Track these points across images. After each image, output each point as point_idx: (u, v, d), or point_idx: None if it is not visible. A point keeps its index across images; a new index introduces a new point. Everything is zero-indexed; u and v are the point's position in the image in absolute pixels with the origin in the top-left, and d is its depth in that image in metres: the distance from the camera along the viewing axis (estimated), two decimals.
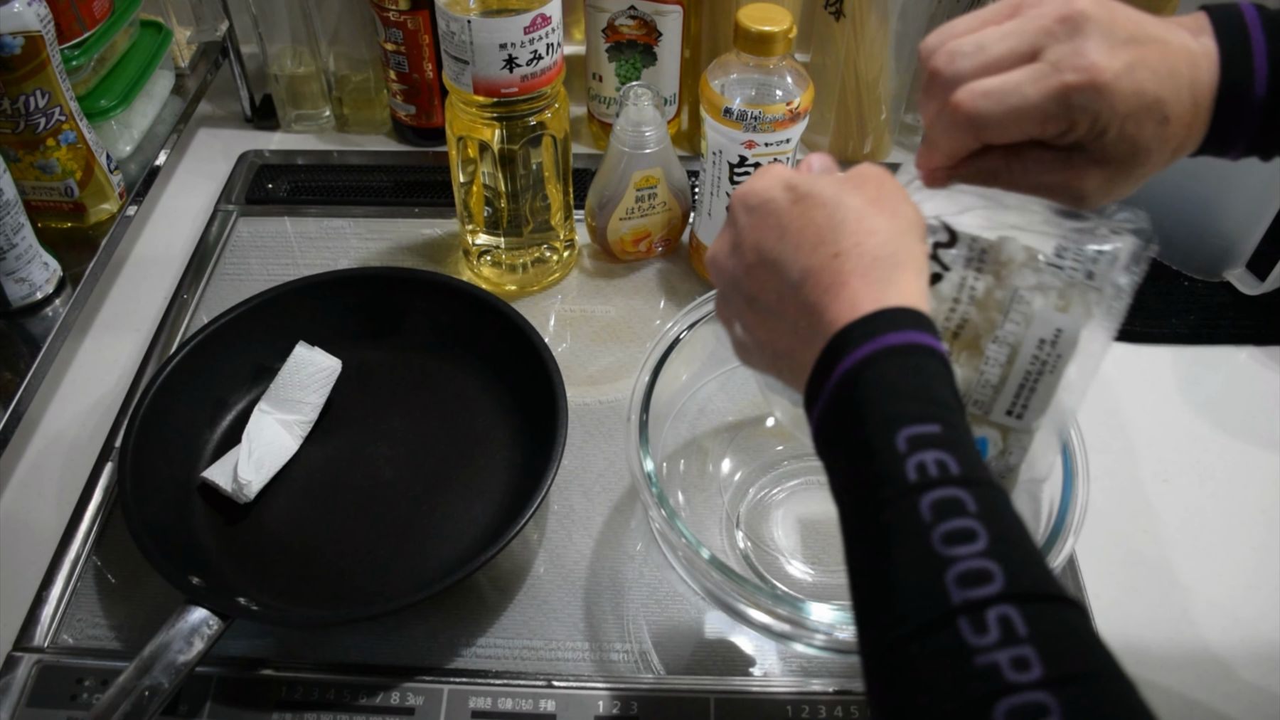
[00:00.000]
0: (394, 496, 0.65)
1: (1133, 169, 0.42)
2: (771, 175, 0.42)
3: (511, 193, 0.74)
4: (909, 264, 0.38)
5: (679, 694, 0.56)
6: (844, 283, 0.37)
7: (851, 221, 0.39)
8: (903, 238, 0.39)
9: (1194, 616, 0.61)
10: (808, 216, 0.39)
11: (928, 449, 0.33)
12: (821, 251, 0.38)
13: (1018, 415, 0.43)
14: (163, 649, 0.51)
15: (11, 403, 0.65)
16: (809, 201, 0.40)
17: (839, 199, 0.39)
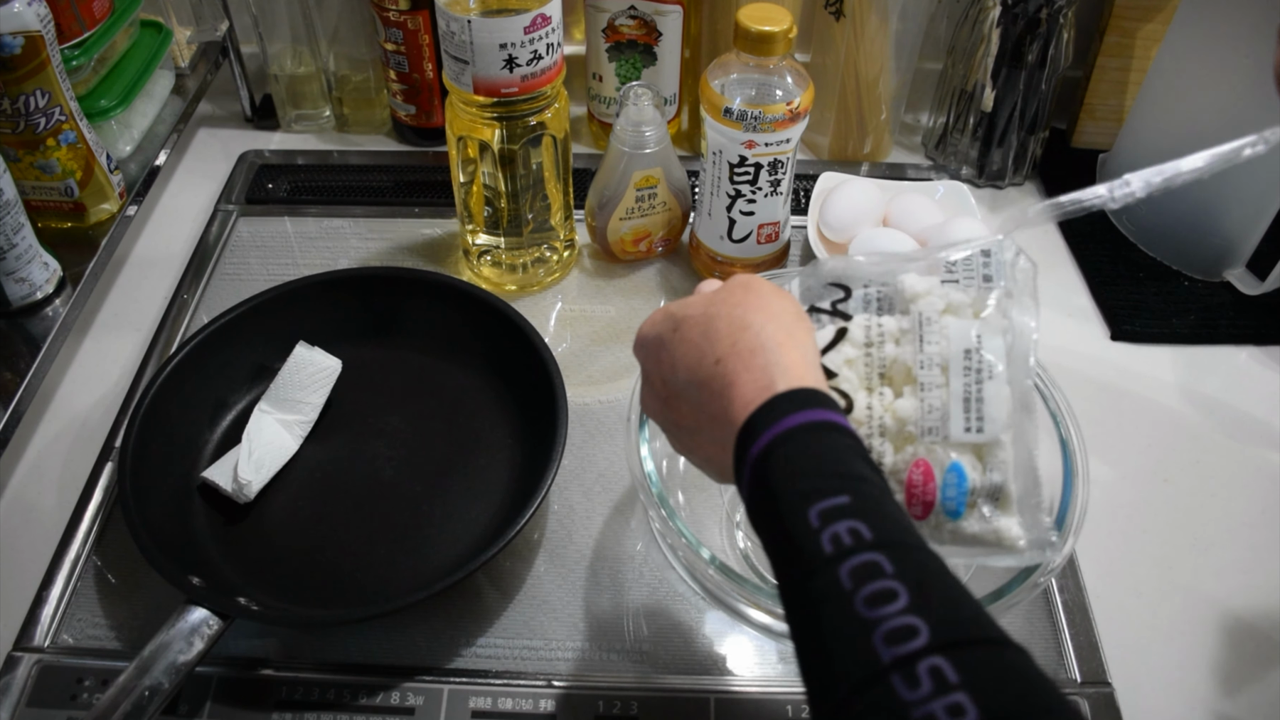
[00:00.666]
0: (394, 496, 0.65)
1: None
2: (656, 314, 0.47)
3: (511, 193, 0.74)
4: (788, 344, 0.41)
5: (679, 694, 0.56)
6: (732, 383, 0.41)
7: (723, 328, 0.42)
8: (775, 323, 0.42)
9: (1194, 616, 0.61)
10: (687, 338, 0.43)
11: (839, 520, 0.35)
12: (705, 363, 0.42)
13: (978, 430, 0.43)
14: (163, 649, 0.51)
15: (11, 403, 0.65)
16: (686, 325, 0.44)
17: (708, 312, 0.43)
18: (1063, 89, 0.88)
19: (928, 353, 0.44)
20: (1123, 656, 0.59)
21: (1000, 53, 0.83)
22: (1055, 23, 0.81)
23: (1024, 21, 0.81)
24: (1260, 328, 0.78)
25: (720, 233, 0.76)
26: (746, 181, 0.72)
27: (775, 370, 0.40)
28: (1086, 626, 0.59)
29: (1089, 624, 0.59)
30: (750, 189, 0.73)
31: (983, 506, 0.43)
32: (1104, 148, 0.93)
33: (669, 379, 0.44)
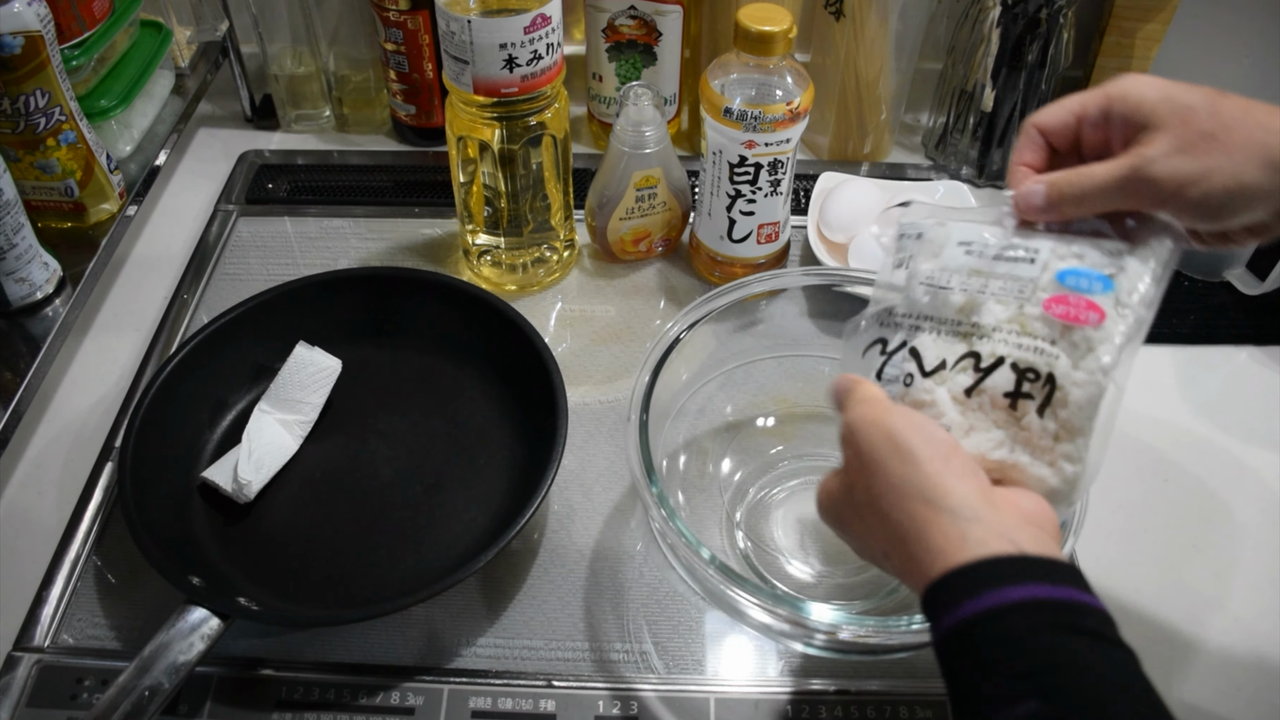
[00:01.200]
0: (394, 496, 0.65)
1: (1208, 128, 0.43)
2: (911, 415, 0.43)
3: (511, 193, 0.74)
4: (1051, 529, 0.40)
5: (679, 694, 0.56)
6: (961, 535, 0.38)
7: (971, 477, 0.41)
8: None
9: (1194, 616, 0.61)
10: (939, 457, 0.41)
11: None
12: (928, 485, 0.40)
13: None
14: (163, 649, 0.51)
15: (11, 403, 0.65)
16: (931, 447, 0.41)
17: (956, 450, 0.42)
18: (1063, 89, 0.88)
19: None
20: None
21: (1000, 53, 0.83)
22: (1055, 23, 0.81)
23: (1024, 21, 0.81)
24: (1260, 328, 0.78)
25: (720, 233, 0.76)
26: (746, 181, 0.72)
27: (1016, 530, 0.38)
28: None
29: None
30: (750, 189, 0.73)
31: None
32: None
33: (895, 477, 0.41)
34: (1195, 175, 0.43)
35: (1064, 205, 0.46)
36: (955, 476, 0.40)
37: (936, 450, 0.41)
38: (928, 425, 0.42)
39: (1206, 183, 0.43)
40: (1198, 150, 0.43)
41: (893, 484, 0.40)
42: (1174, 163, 0.43)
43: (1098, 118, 0.46)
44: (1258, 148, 0.42)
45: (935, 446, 0.41)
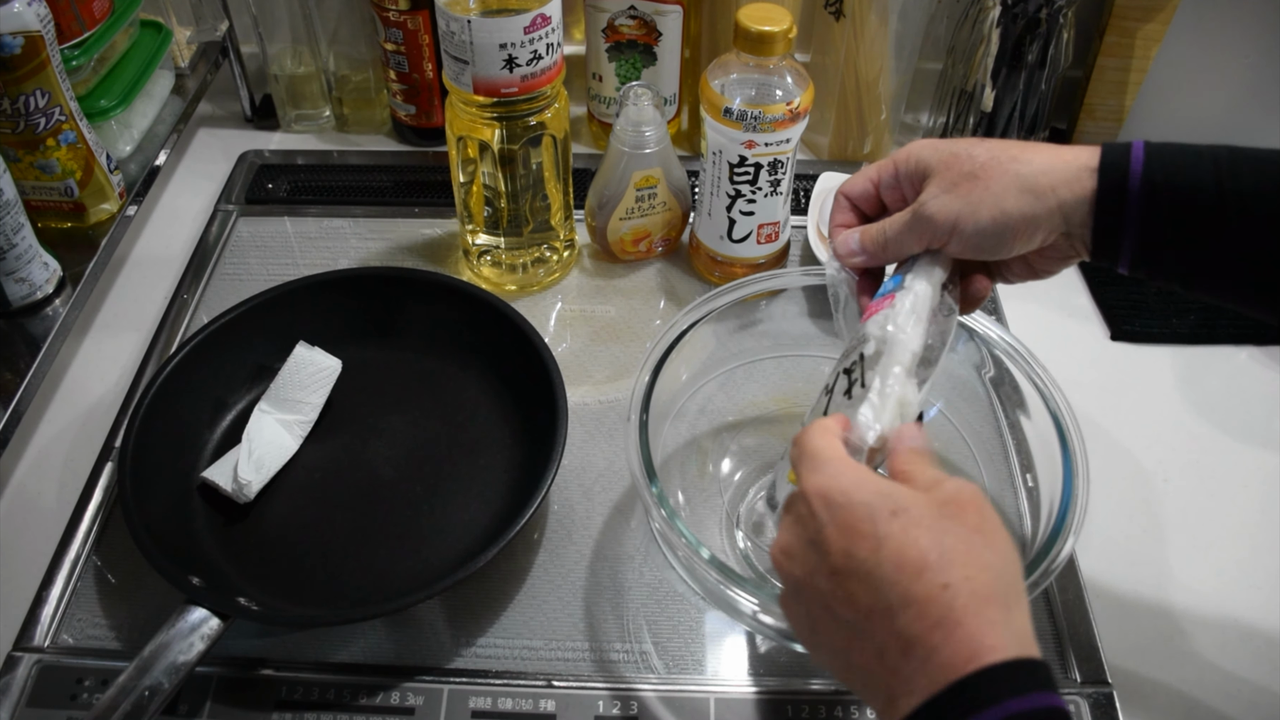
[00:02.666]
0: (394, 496, 0.65)
1: (969, 169, 0.48)
2: (861, 477, 0.40)
3: (511, 193, 0.74)
4: (1019, 605, 0.36)
5: (679, 694, 0.56)
6: (957, 622, 0.34)
7: (960, 551, 0.36)
8: (1011, 570, 0.37)
9: (1194, 616, 0.61)
10: (909, 534, 0.37)
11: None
12: (927, 579, 0.35)
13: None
14: (163, 649, 0.51)
15: (11, 403, 0.65)
16: (908, 518, 0.37)
17: (942, 524, 0.37)
18: (1063, 89, 0.88)
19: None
20: (1123, 656, 0.59)
21: (1000, 53, 0.83)
22: (1055, 23, 0.81)
23: (1024, 21, 0.81)
24: (1260, 328, 0.78)
25: (720, 233, 0.76)
26: (746, 181, 0.72)
27: (1005, 629, 0.35)
28: (1086, 626, 0.59)
29: (1089, 624, 0.59)
30: (750, 189, 0.73)
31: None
32: None
33: (857, 554, 0.37)
34: (963, 210, 0.48)
35: (874, 248, 0.52)
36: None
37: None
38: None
39: (974, 216, 0.48)
40: (962, 189, 0.48)
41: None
42: (943, 201, 0.48)
43: (891, 180, 0.52)
44: (1011, 178, 0.47)
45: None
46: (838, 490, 0.39)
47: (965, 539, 0.37)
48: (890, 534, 0.37)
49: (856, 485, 0.39)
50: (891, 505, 0.38)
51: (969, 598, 0.35)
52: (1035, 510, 0.59)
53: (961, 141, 0.50)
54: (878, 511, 0.38)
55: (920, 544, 0.36)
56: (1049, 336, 0.78)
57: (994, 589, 0.35)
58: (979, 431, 0.67)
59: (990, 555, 0.36)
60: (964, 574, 0.35)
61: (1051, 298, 0.81)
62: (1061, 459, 0.55)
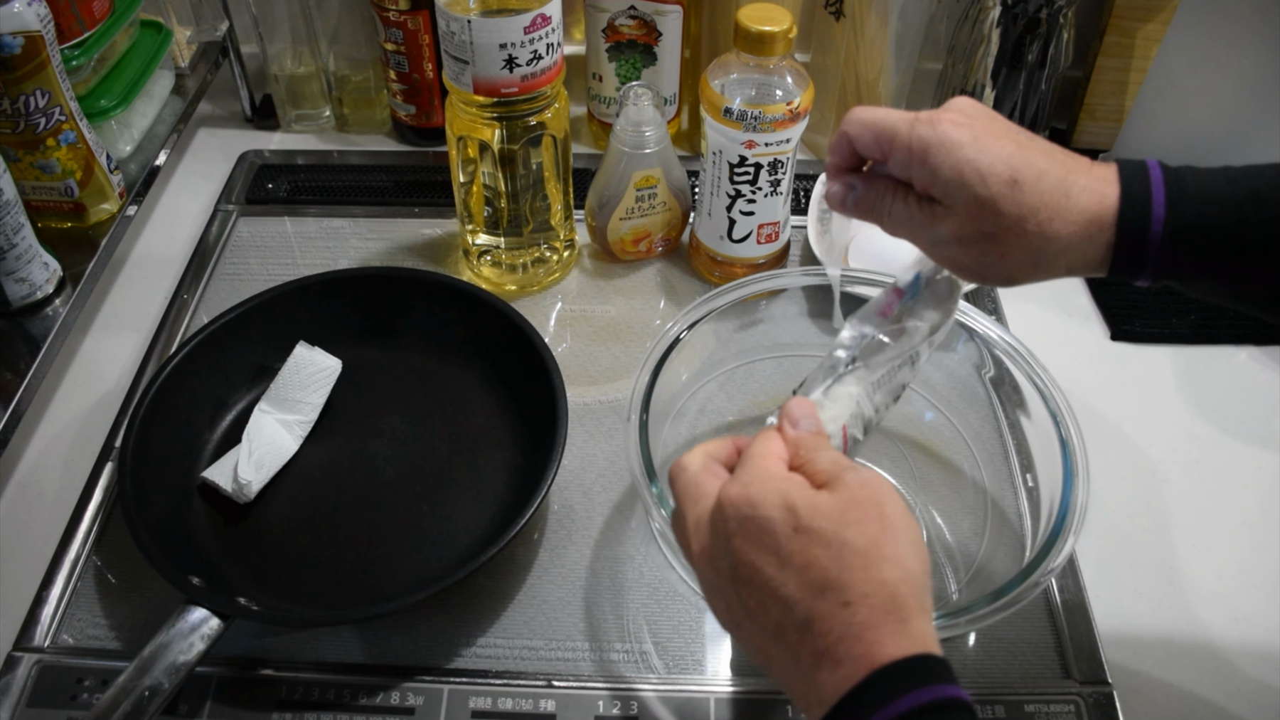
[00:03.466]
0: (394, 496, 0.65)
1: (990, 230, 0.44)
2: (768, 488, 0.40)
3: (511, 193, 0.74)
4: (917, 613, 0.37)
5: (679, 694, 0.56)
6: (856, 637, 0.36)
7: (859, 569, 0.37)
8: (909, 584, 0.38)
9: (1194, 616, 0.61)
10: (810, 553, 0.38)
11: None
12: (829, 598, 0.37)
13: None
14: (163, 649, 0.51)
15: (11, 403, 0.65)
16: (810, 536, 0.38)
17: (842, 538, 0.38)
18: (1063, 89, 0.88)
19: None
20: (1123, 656, 0.59)
21: (1000, 53, 0.83)
22: (1055, 23, 0.81)
23: (1024, 21, 0.81)
24: (1260, 328, 0.78)
25: (720, 233, 0.76)
26: (746, 181, 0.72)
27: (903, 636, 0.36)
28: (1086, 626, 0.59)
29: (1089, 624, 0.59)
30: (750, 189, 0.73)
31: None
32: (1104, 148, 0.93)
33: (762, 570, 0.39)
34: (971, 267, 0.47)
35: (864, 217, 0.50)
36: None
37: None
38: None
39: (980, 274, 0.47)
40: (976, 249, 0.45)
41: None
42: (952, 251, 0.46)
43: (903, 161, 0.46)
44: (1028, 253, 0.45)
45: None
46: (745, 501, 0.40)
47: (864, 553, 0.38)
48: (792, 552, 0.38)
49: (763, 497, 0.40)
50: (795, 521, 0.39)
51: (868, 613, 0.37)
52: (1035, 510, 0.59)
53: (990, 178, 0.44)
54: (780, 528, 0.39)
55: (821, 563, 0.38)
56: (1049, 336, 0.78)
57: (891, 603, 0.37)
58: (979, 431, 0.67)
59: (888, 569, 0.38)
60: (862, 591, 0.37)
61: (1051, 298, 0.81)
62: (1061, 459, 0.55)
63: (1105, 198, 0.44)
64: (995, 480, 0.65)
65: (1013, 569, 0.52)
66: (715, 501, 0.42)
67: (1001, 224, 0.44)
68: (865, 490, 0.40)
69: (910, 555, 0.39)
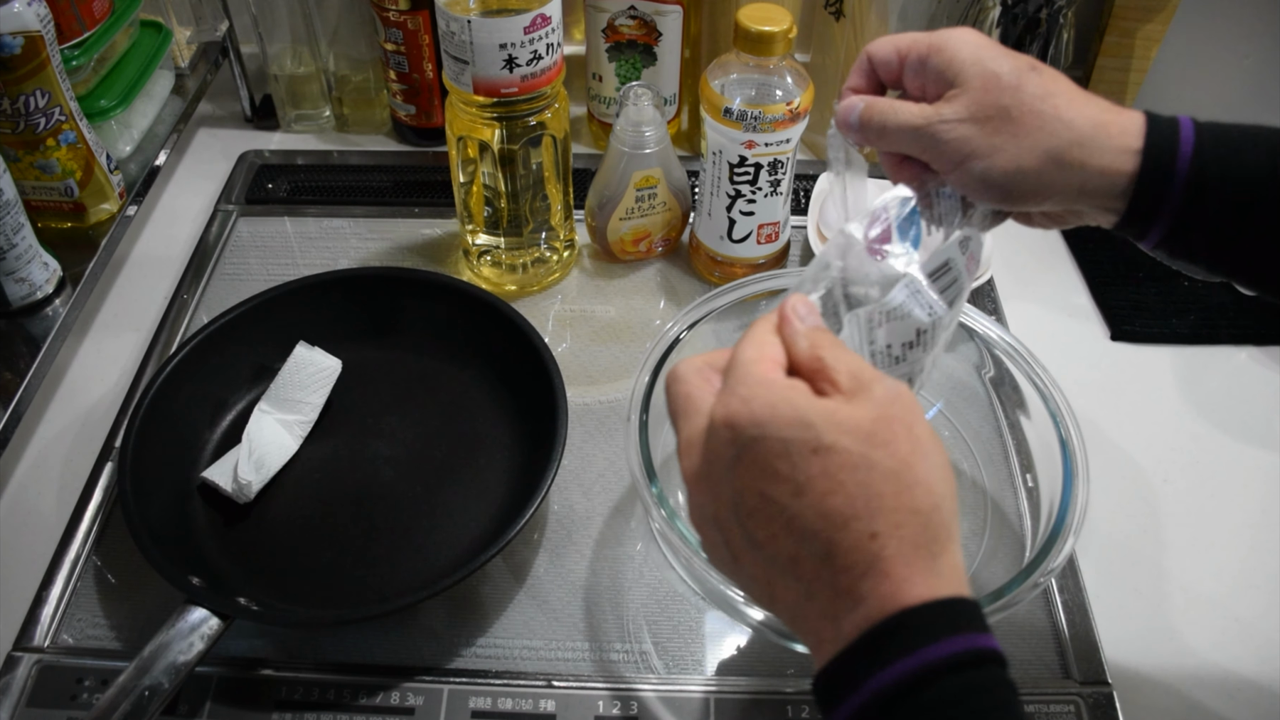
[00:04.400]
0: (394, 496, 0.65)
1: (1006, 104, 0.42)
2: (775, 401, 0.35)
3: (511, 193, 0.74)
4: (949, 545, 0.34)
5: (679, 694, 0.56)
6: (884, 572, 0.32)
7: (889, 496, 0.33)
8: (940, 513, 0.34)
9: (1194, 616, 0.61)
10: (833, 478, 0.33)
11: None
12: (855, 529, 0.33)
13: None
14: (163, 649, 0.51)
15: (11, 403, 0.65)
16: (832, 457, 0.33)
17: (870, 460, 0.33)
18: None
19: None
20: (1123, 656, 0.59)
21: None
22: (1055, 23, 0.81)
23: (1024, 21, 0.81)
24: (1260, 328, 0.78)
25: (720, 233, 0.76)
26: (746, 181, 0.72)
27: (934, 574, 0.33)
28: (1086, 626, 0.59)
29: (1089, 624, 0.59)
30: (750, 189, 0.73)
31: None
32: None
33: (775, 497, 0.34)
34: (979, 150, 0.43)
35: (870, 129, 0.46)
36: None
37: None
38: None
39: (988, 160, 0.42)
40: (988, 125, 0.42)
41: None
42: (962, 131, 0.43)
43: (917, 65, 0.45)
44: (1044, 135, 0.42)
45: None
46: (749, 420, 0.35)
47: (895, 477, 0.33)
48: (812, 478, 0.33)
49: (768, 413, 0.34)
50: (813, 440, 0.34)
51: (898, 546, 0.33)
52: (1035, 510, 0.59)
53: (1007, 59, 0.43)
54: (795, 450, 0.34)
55: (846, 489, 0.33)
56: (1049, 336, 0.78)
57: (922, 537, 0.33)
58: (979, 431, 0.67)
59: (920, 498, 0.33)
60: (894, 520, 0.33)
61: (1051, 298, 0.81)
62: (1061, 459, 0.55)
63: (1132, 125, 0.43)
64: (995, 480, 0.65)
65: (1013, 569, 0.52)
66: (708, 420, 0.36)
67: (1019, 98, 0.42)
68: (896, 406, 0.35)
69: (941, 479, 0.35)
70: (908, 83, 0.47)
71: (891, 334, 0.43)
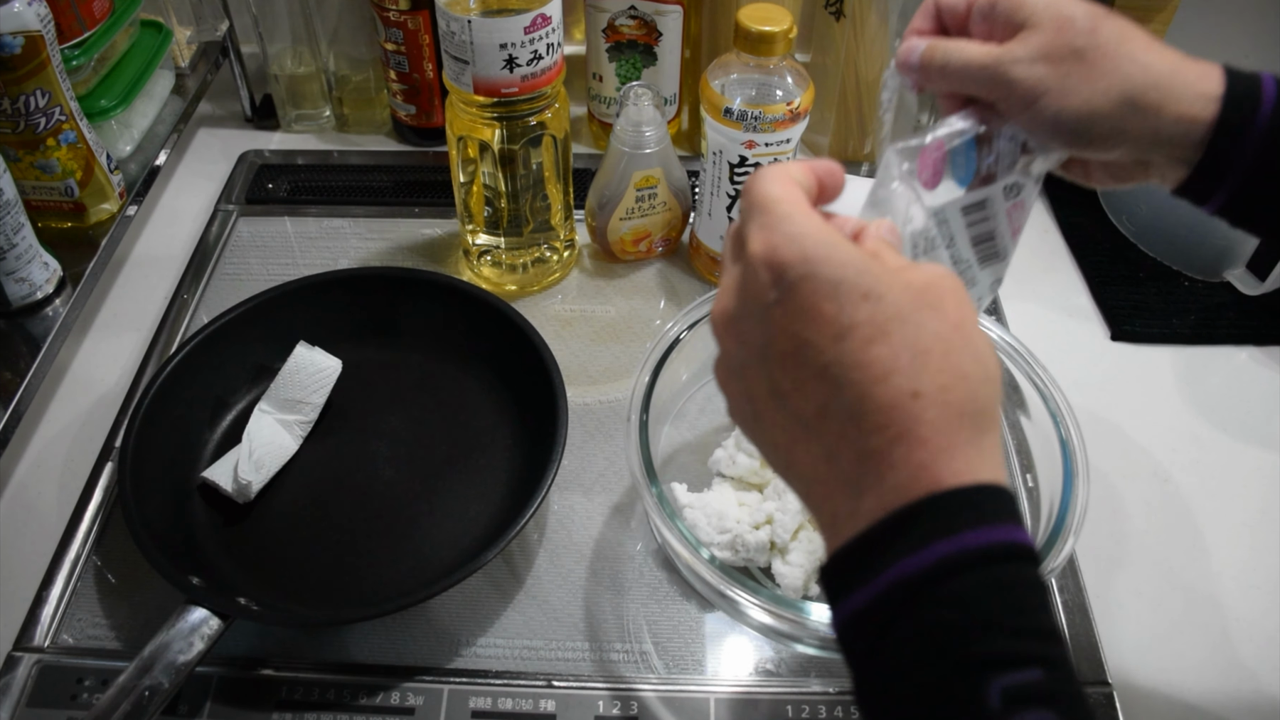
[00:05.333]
0: (394, 496, 0.65)
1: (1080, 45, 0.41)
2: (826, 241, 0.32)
3: (511, 193, 0.74)
4: (994, 425, 0.31)
5: (679, 694, 0.56)
6: (923, 439, 0.29)
7: (937, 355, 0.30)
8: (991, 385, 0.31)
9: (1194, 616, 0.61)
10: (880, 326, 0.31)
11: (1029, 707, 0.26)
12: (896, 383, 0.30)
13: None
14: (163, 649, 0.51)
15: (11, 403, 0.65)
16: (881, 307, 0.31)
17: (919, 318, 0.31)
18: None
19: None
20: (1123, 656, 0.59)
21: None
22: None
23: None
24: (1260, 328, 0.78)
25: (720, 233, 0.76)
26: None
27: (975, 453, 0.30)
28: (1086, 626, 0.59)
29: (1089, 624, 0.59)
30: None
31: None
32: None
33: (813, 341, 0.31)
34: (1052, 88, 0.41)
35: (932, 70, 0.44)
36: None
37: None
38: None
39: (1060, 101, 0.41)
40: (1062, 64, 0.41)
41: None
42: (1035, 70, 0.41)
43: (986, 8, 0.44)
44: (1119, 78, 0.41)
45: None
46: (797, 256, 0.32)
47: (945, 338, 0.31)
48: (857, 324, 0.31)
49: (822, 252, 0.32)
50: (866, 286, 0.31)
51: (941, 410, 0.30)
52: (1035, 510, 0.59)
53: (1083, 2, 0.42)
54: (845, 292, 0.31)
55: (892, 340, 0.30)
56: (1049, 336, 0.78)
57: (968, 405, 0.30)
58: None
59: (969, 362, 0.31)
60: (940, 382, 0.30)
61: (1051, 298, 0.81)
62: (1061, 459, 0.55)
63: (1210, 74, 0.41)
64: None
65: None
66: (746, 260, 0.34)
67: (1094, 40, 0.41)
68: (948, 280, 0.33)
69: (988, 351, 0.32)
70: (974, 28, 0.45)
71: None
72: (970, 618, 0.27)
